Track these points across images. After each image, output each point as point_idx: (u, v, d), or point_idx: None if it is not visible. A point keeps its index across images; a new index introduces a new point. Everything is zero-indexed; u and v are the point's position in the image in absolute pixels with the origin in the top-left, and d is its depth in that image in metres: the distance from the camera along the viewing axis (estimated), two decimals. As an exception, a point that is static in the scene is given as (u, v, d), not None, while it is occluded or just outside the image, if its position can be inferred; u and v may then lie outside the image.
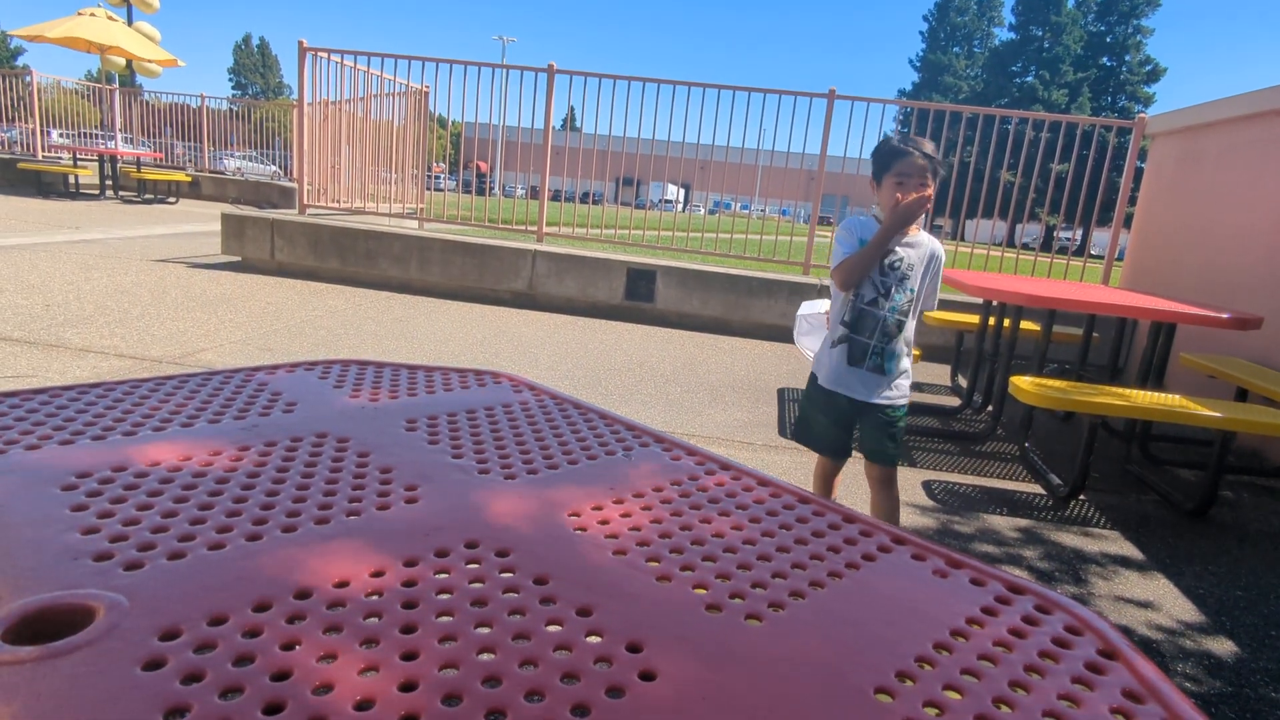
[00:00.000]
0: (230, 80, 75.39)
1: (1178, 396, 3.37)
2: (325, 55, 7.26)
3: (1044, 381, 3.35)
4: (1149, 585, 2.58)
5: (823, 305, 2.72)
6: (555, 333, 5.64)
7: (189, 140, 17.69)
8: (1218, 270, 4.96)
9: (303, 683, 0.55)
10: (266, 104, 21.10)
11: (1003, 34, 52.86)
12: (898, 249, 2.24)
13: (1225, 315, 3.37)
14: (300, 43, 7.14)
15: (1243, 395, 4.03)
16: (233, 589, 0.66)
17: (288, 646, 0.59)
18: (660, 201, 8.74)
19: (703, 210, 9.35)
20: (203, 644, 0.59)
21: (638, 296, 6.55)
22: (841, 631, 0.68)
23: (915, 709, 0.58)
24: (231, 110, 17.97)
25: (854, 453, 2.48)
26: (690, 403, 4.13)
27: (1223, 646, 2.24)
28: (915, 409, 4.63)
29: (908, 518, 2.93)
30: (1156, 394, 3.41)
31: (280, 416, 1.10)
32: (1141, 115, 6.47)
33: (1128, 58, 47.98)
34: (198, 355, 4.06)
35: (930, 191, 2.16)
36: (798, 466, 3.33)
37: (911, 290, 2.26)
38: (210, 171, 16.93)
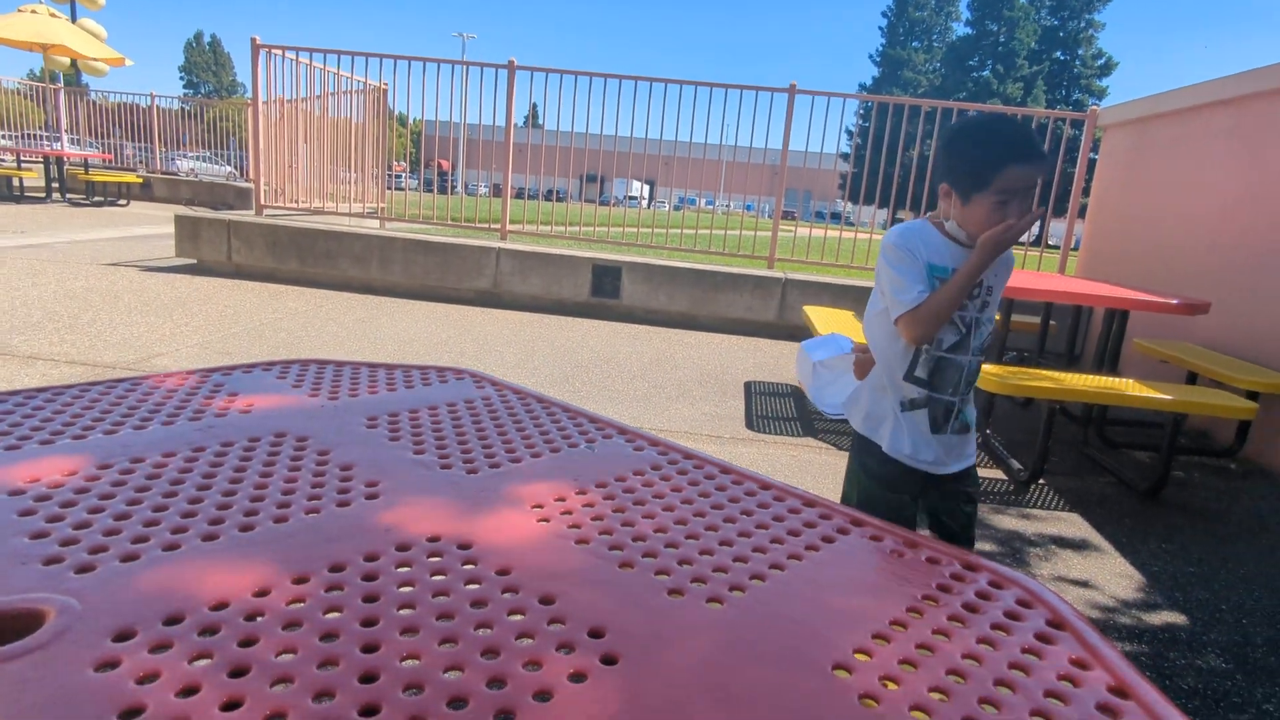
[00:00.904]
0: (182, 79, 73.56)
1: (1131, 381, 3.47)
2: (280, 52, 7.12)
3: (1006, 370, 3.42)
4: (1106, 564, 2.65)
5: (841, 344, 2.17)
6: (520, 331, 5.61)
7: (139, 141, 17.23)
8: (1168, 258, 5.12)
9: (261, 678, 0.55)
10: (220, 103, 20.64)
11: (960, 29, 53.78)
12: None
13: (1174, 301, 3.48)
14: (253, 40, 7.00)
15: (1193, 378, 4.16)
16: (189, 589, 0.65)
17: (246, 644, 0.59)
18: (625, 198, 8.72)
19: (667, 206, 9.36)
20: (158, 644, 0.58)
21: (603, 293, 6.54)
22: (801, 611, 0.70)
23: (872, 684, 0.60)
24: (183, 110, 17.55)
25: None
26: (657, 398, 4.14)
27: (1176, 620, 2.31)
28: (879, 399, 4.70)
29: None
30: (1111, 379, 3.50)
31: (237, 417, 1.08)
32: (1094, 108, 6.63)
33: (1080, 51, 49.14)
34: (153, 361, 3.96)
35: (1039, 210, 1.59)
36: (764, 458, 3.36)
37: (994, 319, 1.74)
38: (162, 173, 16.50)
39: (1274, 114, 4.31)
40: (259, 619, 0.62)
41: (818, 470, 3.28)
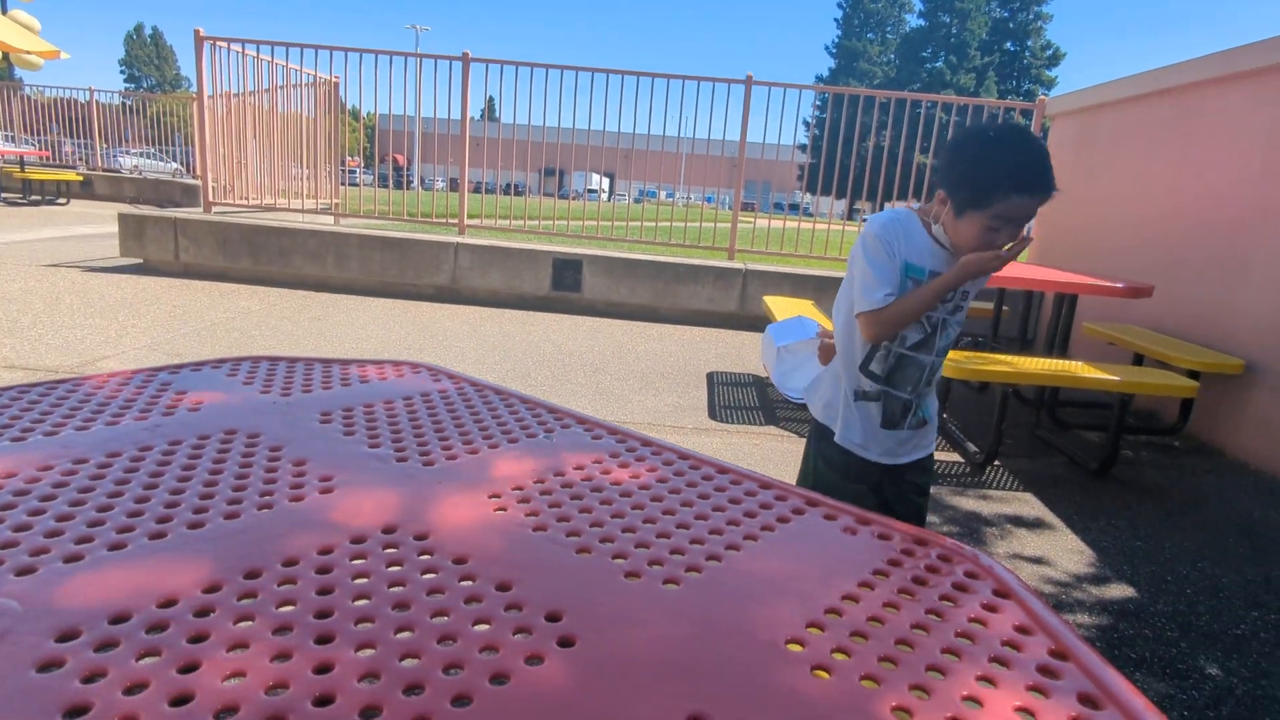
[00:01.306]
0: (122, 73, 70.92)
1: (1081, 363, 3.57)
2: (225, 45, 6.93)
3: (960, 354, 3.50)
4: (1059, 541, 2.73)
5: (806, 328, 2.16)
6: (481, 325, 5.56)
7: (79, 137, 16.63)
8: (1115, 243, 5.28)
9: (212, 673, 0.54)
10: (164, 97, 20.00)
11: (913, 20, 54.54)
12: None
13: (1120, 285, 3.59)
14: (197, 32, 6.80)
15: (1139, 360, 4.31)
16: (136, 587, 0.64)
17: (196, 639, 0.58)
18: (585, 191, 8.69)
19: (628, 199, 9.35)
20: (104, 643, 0.57)
21: (564, 286, 6.52)
22: (756, 589, 0.71)
23: (824, 656, 0.61)
24: (125, 105, 16.99)
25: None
26: (620, 390, 4.15)
27: (1125, 593, 2.40)
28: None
29: (834, 490, 3.02)
30: (1061, 362, 3.61)
31: (185, 415, 1.06)
32: (1042, 98, 6.79)
33: (1030, 42, 50.24)
34: (98, 364, 3.84)
35: (1024, 239, 1.52)
36: (727, 447, 3.39)
37: (962, 321, 1.68)
38: (104, 170, 15.95)
39: (1210, 102, 4.47)
40: (210, 615, 0.61)
41: (779, 458, 3.32)
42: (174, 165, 19.92)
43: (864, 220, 8.38)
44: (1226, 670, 2.00)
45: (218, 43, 6.88)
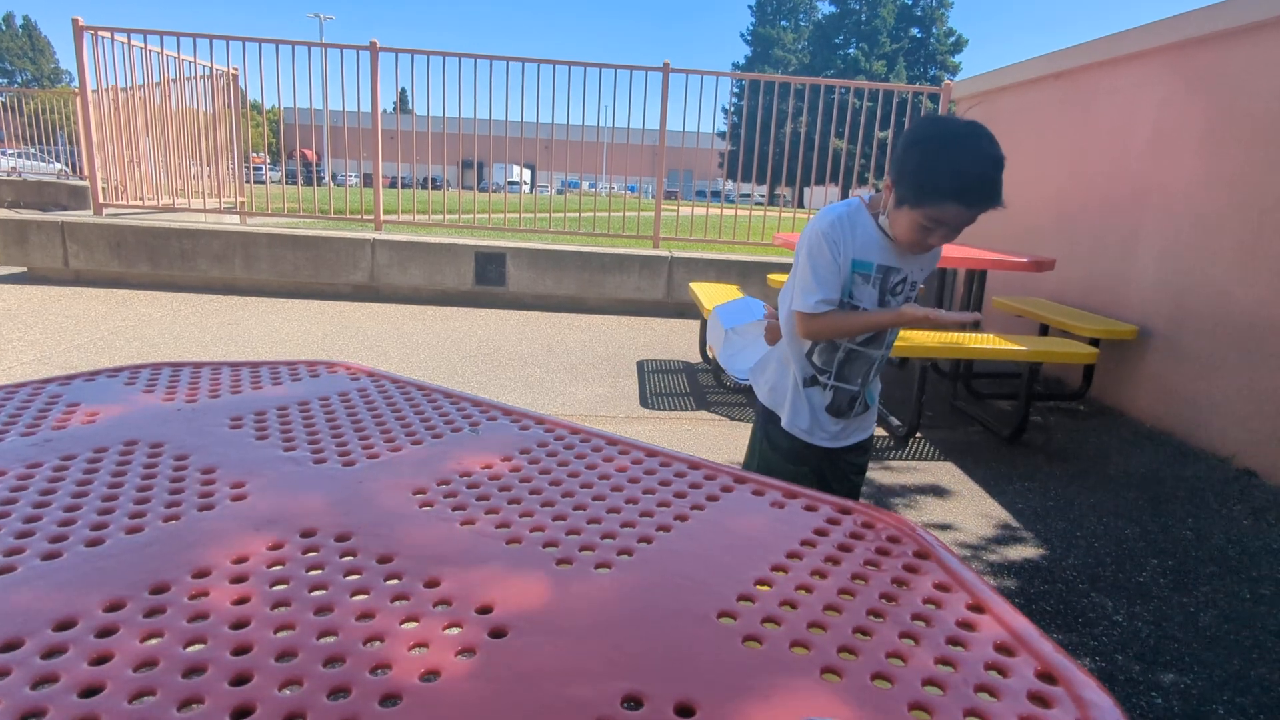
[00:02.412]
0: (-9, 67, 65.91)
1: (992, 336, 3.74)
2: (108, 35, 6.50)
3: (876, 331, 3.61)
4: (976, 505, 2.86)
5: (753, 310, 2.15)
6: (403, 324, 5.43)
7: (-52, 139, 15.36)
8: (1020, 220, 5.53)
9: (116, 694, 0.51)
10: (42, 93, 18.62)
11: (825, 7, 55.72)
12: (900, 265, 1.56)
13: (1025, 260, 3.76)
14: (75, 21, 6.36)
15: (1045, 330, 4.54)
16: (27, 611, 0.59)
17: (98, 662, 0.54)
18: (506, 184, 8.57)
19: (550, 190, 9.27)
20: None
21: (488, 280, 6.42)
22: (686, 566, 0.71)
23: (755, 626, 0.62)
24: None
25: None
26: (550, 382, 4.12)
27: (1038, 550, 2.53)
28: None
29: (764, 470, 3.08)
30: (974, 335, 3.77)
31: (79, 428, 0.99)
32: (947, 82, 7.05)
33: (935, 29, 52.08)
34: (-14, 380, 3.57)
35: (974, 315, 1.45)
36: (659, 434, 3.41)
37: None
38: (-20, 173, 14.80)
39: (1100, 83, 4.73)
40: (113, 635, 0.57)
41: (711, 441, 3.36)
42: (58, 166, 18.61)
43: (784, 202, 8.55)
44: (1131, 615, 2.14)
45: (99, 32, 6.45)
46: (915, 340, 3.43)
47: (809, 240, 1.54)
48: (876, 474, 3.14)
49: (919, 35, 52.34)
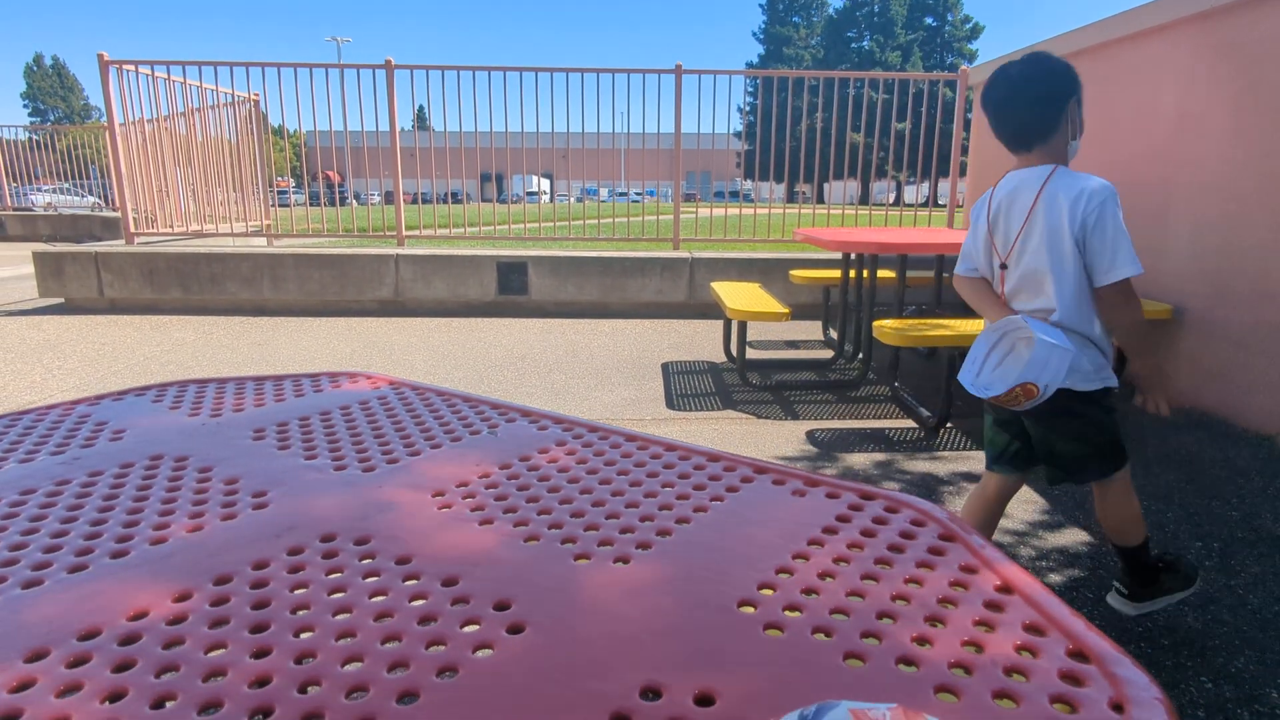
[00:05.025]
0: (26, 106, 67.71)
1: (1017, 320, 3.67)
2: (133, 68, 6.67)
3: (904, 323, 3.56)
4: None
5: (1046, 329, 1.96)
6: (429, 336, 5.47)
7: (-14, 178, 15.84)
8: (1039, 204, 5.43)
9: (138, 700, 0.51)
10: (74, 129, 19.14)
11: (836, 2, 55.36)
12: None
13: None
14: (101, 56, 6.53)
15: (1071, 313, 4.44)
16: (53, 621, 0.60)
17: (121, 668, 0.55)
18: (525, 194, 8.64)
19: (569, 199, 9.31)
20: (20, 683, 0.53)
21: (511, 290, 6.46)
22: (706, 557, 0.70)
23: (776, 614, 0.61)
24: (32, 139, 16.24)
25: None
26: (575, 388, 4.12)
27: (1076, 537, 2.47)
28: (793, 364, 4.83)
29: (798, 466, 3.05)
30: (998, 321, 3.70)
31: (106, 445, 1.01)
32: (964, 68, 6.96)
33: (950, 17, 51.47)
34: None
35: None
36: (687, 434, 3.39)
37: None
38: (15, 209, 15.24)
39: (1121, 60, 4.63)
40: (135, 643, 0.58)
41: (740, 439, 3.34)
42: (91, 199, 19.12)
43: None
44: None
45: (124, 66, 6.62)
46: (941, 331, 3.38)
47: (1112, 201, 1.58)
48: (908, 464, 3.09)
49: (934, 24, 51.78)
